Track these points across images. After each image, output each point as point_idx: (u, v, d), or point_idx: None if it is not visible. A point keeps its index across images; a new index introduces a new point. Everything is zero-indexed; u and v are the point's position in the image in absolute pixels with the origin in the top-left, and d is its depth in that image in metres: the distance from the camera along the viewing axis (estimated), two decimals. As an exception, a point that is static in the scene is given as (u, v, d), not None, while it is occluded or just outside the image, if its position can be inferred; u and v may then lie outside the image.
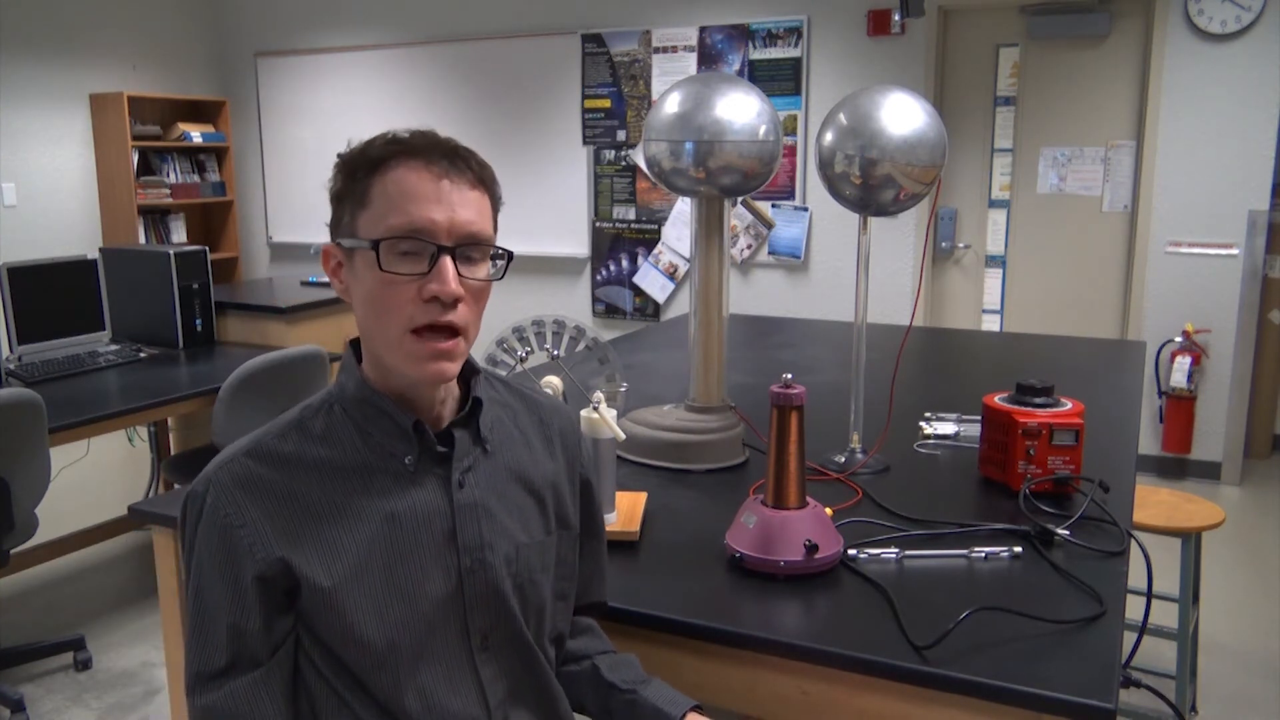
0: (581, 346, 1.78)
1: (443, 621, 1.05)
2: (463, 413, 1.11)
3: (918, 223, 5.07)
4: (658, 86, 5.51)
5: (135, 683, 2.90)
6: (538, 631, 1.14)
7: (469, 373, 1.14)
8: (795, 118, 5.22)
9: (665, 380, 2.57)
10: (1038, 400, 1.73)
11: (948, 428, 2.11)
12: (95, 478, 4.72)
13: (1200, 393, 4.64)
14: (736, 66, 5.32)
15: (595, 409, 1.49)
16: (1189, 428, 4.63)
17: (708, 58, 5.38)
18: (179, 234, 6.40)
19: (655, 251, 5.67)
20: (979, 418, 2.13)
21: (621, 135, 5.66)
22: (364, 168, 1.02)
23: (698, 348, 1.91)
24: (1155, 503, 2.61)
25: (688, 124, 1.76)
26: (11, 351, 3.25)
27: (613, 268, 5.80)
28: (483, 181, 1.05)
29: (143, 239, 6.10)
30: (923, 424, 2.14)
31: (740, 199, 5.32)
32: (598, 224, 5.80)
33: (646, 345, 3.08)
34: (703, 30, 5.36)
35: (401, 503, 1.04)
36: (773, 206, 5.37)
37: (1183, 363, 4.56)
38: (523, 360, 1.75)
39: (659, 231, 5.65)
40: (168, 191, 6.21)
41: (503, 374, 1.72)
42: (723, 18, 5.32)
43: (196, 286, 3.65)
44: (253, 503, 1.00)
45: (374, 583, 1.01)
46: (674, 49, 5.44)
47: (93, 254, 3.67)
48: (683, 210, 5.57)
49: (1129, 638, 2.68)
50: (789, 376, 1.40)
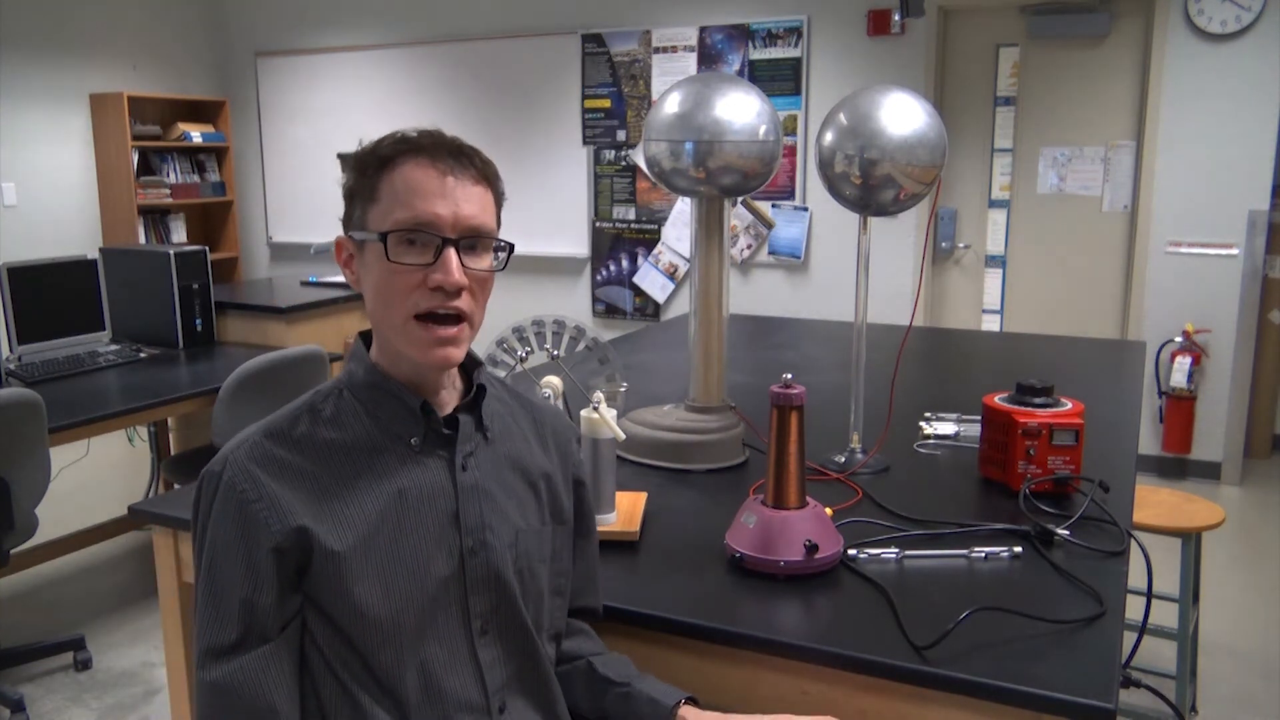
0: (581, 346, 1.78)
1: (444, 603, 1.08)
2: (466, 400, 1.15)
3: (918, 223, 5.07)
4: (658, 86, 5.51)
5: (135, 683, 2.90)
6: (536, 622, 1.16)
7: (472, 365, 1.19)
8: (795, 118, 5.22)
9: (665, 380, 2.57)
10: (1038, 400, 1.73)
11: (948, 428, 2.11)
12: (95, 478, 4.72)
13: (1200, 393, 4.64)
14: (736, 66, 5.32)
15: (595, 409, 1.49)
16: (1189, 428, 4.63)
17: (708, 58, 5.38)
18: (179, 234, 6.40)
19: (655, 251, 5.67)
20: (979, 418, 2.13)
21: (621, 135, 5.66)
22: (374, 165, 1.08)
23: (698, 348, 1.91)
24: (1155, 503, 2.61)
25: (688, 124, 1.76)
26: (11, 351, 3.25)
27: (613, 268, 5.80)
28: (486, 178, 1.11)
29: (143, 239, 6.10)
30: (923, 424, 2.14)
31: (740, 199, 5.32)
32: (598, 224, 5.80)
33: (646, 345, 3.08)
34: (703, 30, 5.36)
35: (408, 480, 1.08)
36: (773, 206, 5.37)
37: (1183, 363, 4.56)
38: (523, 360, 1.74)
39: (659, 231, 5.65)
40: (168, 191, 6.21)
41: (502, 374, 1.72)
42: (723, 18, 5.32)
43: (196, 286, 3.65)
44: (269, 478, 1.04)
45: (381, 555, 1.05)
46: (674, 49, 5.44)
47: (93, 254, 3.67)
48: (683, 210, 5.57)
49: (1129, 638, 2.68)
50: (789, 376, 1.40)
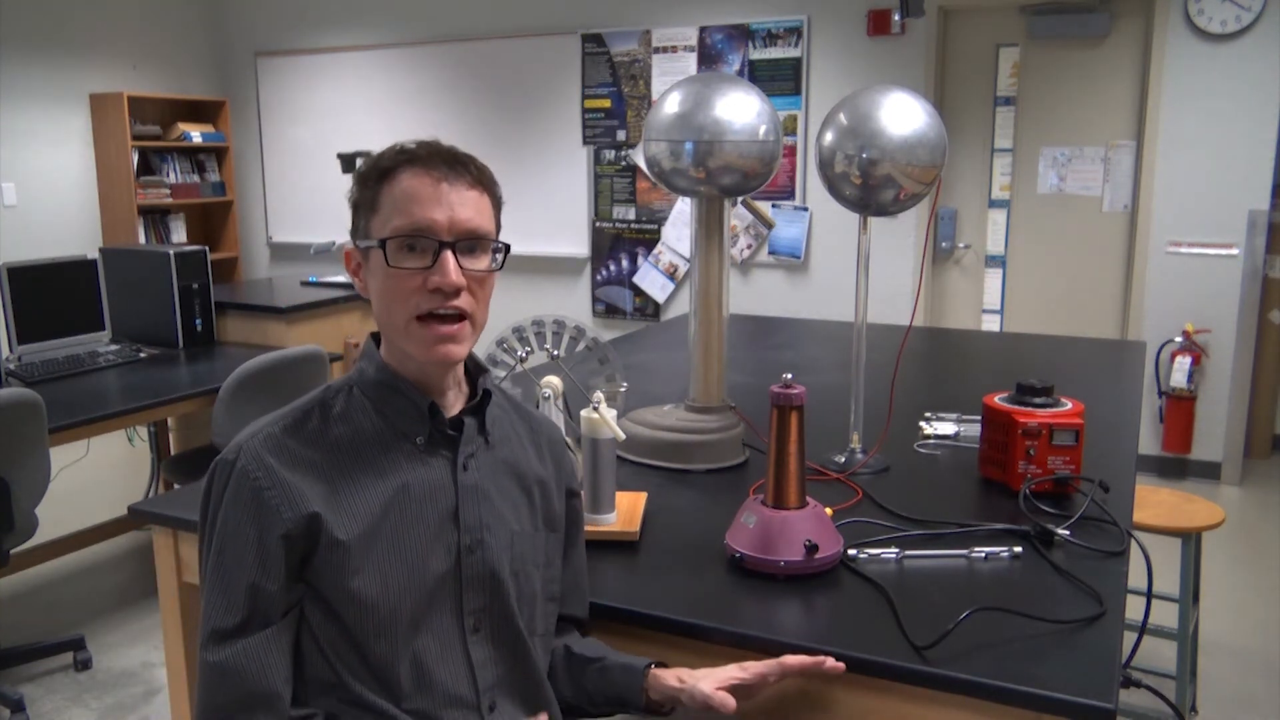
0: (581, 346, 1.78)
1: (439, 598, 1.12)
2: (471, 404, 1.20)
3: (918, 223, 5.07)
4: (658, 86, 5.51)
5: (135, 683, 2.90)
6: (529, 625, 1.19)
7: (477, 371, 1.23)
8: (795, 118, 5.22)
9: (665, 380, 2.57)
10: (1038, 400, 1.73)
11: (948, 428, 2.11)
12: (95, 478, 4.72)
13: (1200, 393, 4.63)
14: (736, 66, 5.32)
15: (595, 409, 1.49)
16: (1189, 428, 4.63)
17: (708, 58, 5.38)
18: (179, 234, 6.40)
19: (655, 251, 5.67)
20: (979, 418, 2.12)
21: (621, 135, 5.66)
22: (374, 177, 1.13)
23: (698, 348, 1.91)
24: (1155, 503, 2.61)
25: (688, 124, 1.76)
26: (11, 351, 3.25)
27: (613, 268, 5.80)
28: (481, 183, 1.15)
29: (143, 239, 6.10)
30: (923, 424, 2.14)
31: (740, 199, 5.32)
32: (598, 224, 5.80)
33: (646, 345, 3.08)
34: (703, 30, 5.36)
35: (411, 476, 1.13)
36: (773, 206, 5.37)
37: (1183, 363, 4.56)
38: (523, 360, 1.74)
39: (659, 231, 5.65)
40: (168, 191, 6.21)
41: (502, 374, 1.72)
42: (723, 18, 5.32)
43: (196, 286, 3.65)
44: (282, 467, 1.08)
45: (382, 548, 1.09)
46: (674, 49, 5.44)
47: (93, 254, 3.67)
48: (683, 210, 5.57)
49: (1129, 638, 2.68)
50: (789, 376, 1.40)
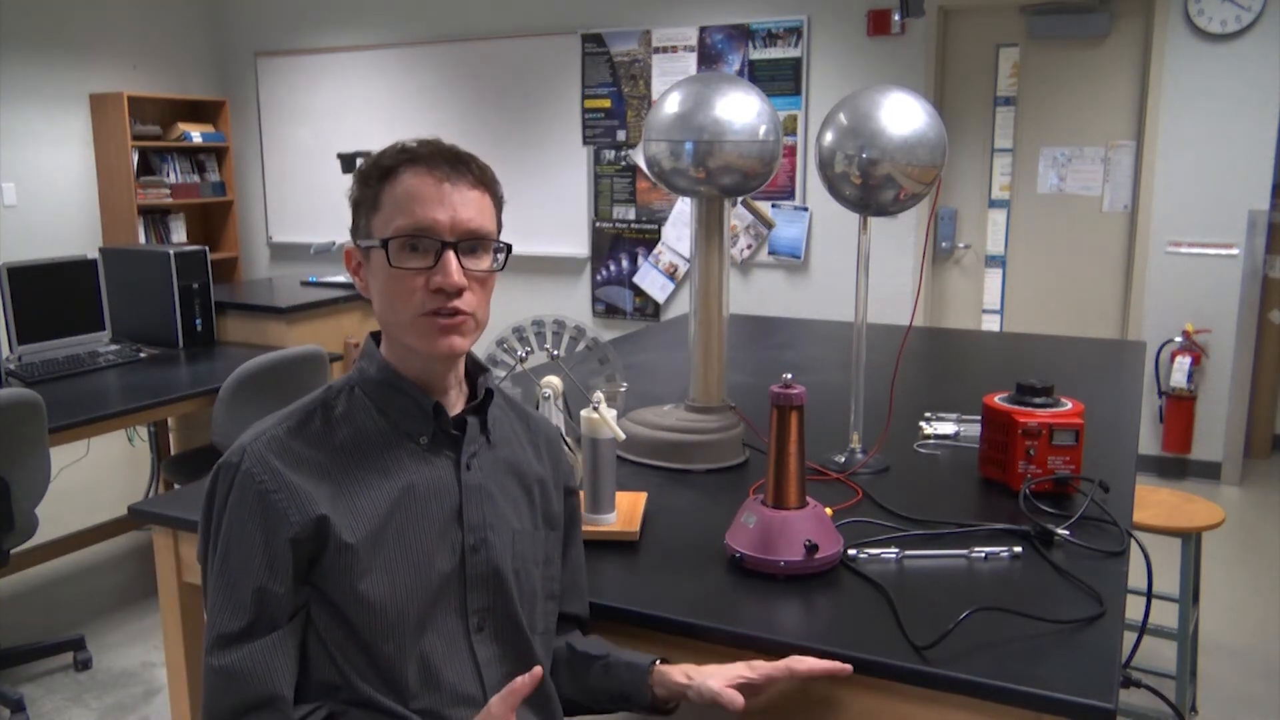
0: (581, 346, 1.78)
1: (444, 598, 1.11)
2: (472, 404, 1.20)
3: (918, 223, 5.07)
4: (658, 86, 5.51)
5: (135, 683, 2.90)
6: (530, 623, 1.19)
7: (477, 371, 1.22)
8: (795, 118, 5.22)
9: (665, 380, 2.57)
10: (1038, 400, 1.73)
11: (948, 428, 2.11)
12: (95, 478, 4.72)
13: (1200, 393, 4.63)
14: (736, 66, 5.32)
15: (595, 409, 1.49)
16: (1189, 428, 4.63)
17: (708, 58, 5.38)
18: (179, 234, 6.40)
19: (655, 251, 5.67)
20: (979, 418, 2.13)
21: (621, 135, 5.66)
22: (375, 176, 1.13)
23: (698, 348, 1.91)
24: (1155, 503, 2.61)
25: (688, 124, 1.76)
26: (11, 351, 3.25)
27: (613, 268, 5.80)
28: (483, 182, 1.15)
29: (143, 239, 6.10)
30: (923, 424, 2.14)
31: (740, 199, 5.32)
32: (598, 224, 5.80)
33: (646, 345, 3.08)
34: (703, 30, 5.36)
35: (416, 476, 1.13)
36: (773, 206, 5.37)
37: (1183, 363, 4.56)
38: (523, 360, 1.74)
39: (659, 231, 5.65)
40: (168, 191, 6.21)
41: (502, 374, 1.72)
42: (723, 18, 5.32)
43: (196, 286, 3.65)
44: (288, 470, 1.07)
45: (389, 549, 1.08)
46: (674, 49, 5.44)
47: (93, 254, 3.67)
48: (683, 210, 5.57)
49: (1129, 638, 2.68)
50: (789, 376, 1.40)
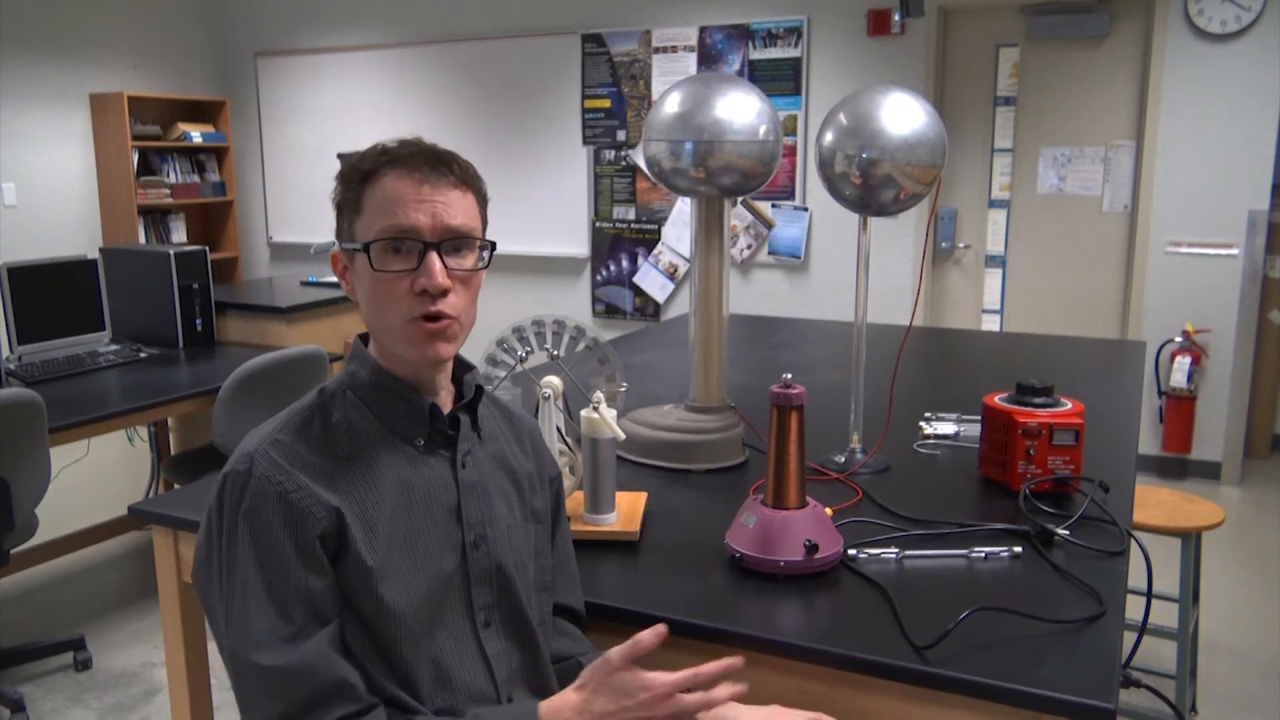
0: (581, 346, 1.78)
1: (450, 597, 1.12)
2: (462, 403, 1.20)
3: (918, 223, 5.07)
4: (658, 86, 5.51)
5: (135, 683, 2.90)
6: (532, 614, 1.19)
7: (462, 370, 1.22)
8: (795, 118, 5.22)
9: (665, 380, 2.57)
10: (1038, 400, 1.73)
11: (948, 428, 2.11)
12: (95, 478, 4.72)
13: (1200, 393, 4.63)
14: (736, 66, 5.32)
15: (595, 409, 1.49)
16: (1189, 428, 4.63)
17: (708, 58, 5.38)
18: (179, 234, 6.40)
19: (655, 251, 5.67)
20: (979, 418, 2.13)
21: (621, 135, 5.66)
22: (356, 179, 1.12)
23: (698, 348, 1.91)
24: (1155, 503, 2.61)
25: (688, 124, 1.76)
26: (11, 351, 3.25)
27: (613, 268, 5.80)
28: (464, 181, 1.13)
29: (143, 239, 6.10)
30: (923, 424, 2.14)
31: (740, 199, 5.32)
32: (598, 224, 5.80)
33: (646, 345, 3.08)
34: (703, 30, 5.36)
35: (414, 477, 1.13)
36: (773, 206, 5.37)
37: (1183, 363, 4.56)
38: (523, 360, 1.74)
39: (659, 231, 5.64)
40: (168, 191, 6.21)
41: (501, 374, 1.72)
42: (723, 18, 5.32)
43: (196, 286, 3.65)
44: (299, 469, 1.07)
45: (398, 552, 1.08)
46: (674, 49, 5.44)
47: (93, 254, 3.67)
48: (683, 210, 5.57)
49: (1129, 638, 2.68)
50: (789, 376, 1.40)
